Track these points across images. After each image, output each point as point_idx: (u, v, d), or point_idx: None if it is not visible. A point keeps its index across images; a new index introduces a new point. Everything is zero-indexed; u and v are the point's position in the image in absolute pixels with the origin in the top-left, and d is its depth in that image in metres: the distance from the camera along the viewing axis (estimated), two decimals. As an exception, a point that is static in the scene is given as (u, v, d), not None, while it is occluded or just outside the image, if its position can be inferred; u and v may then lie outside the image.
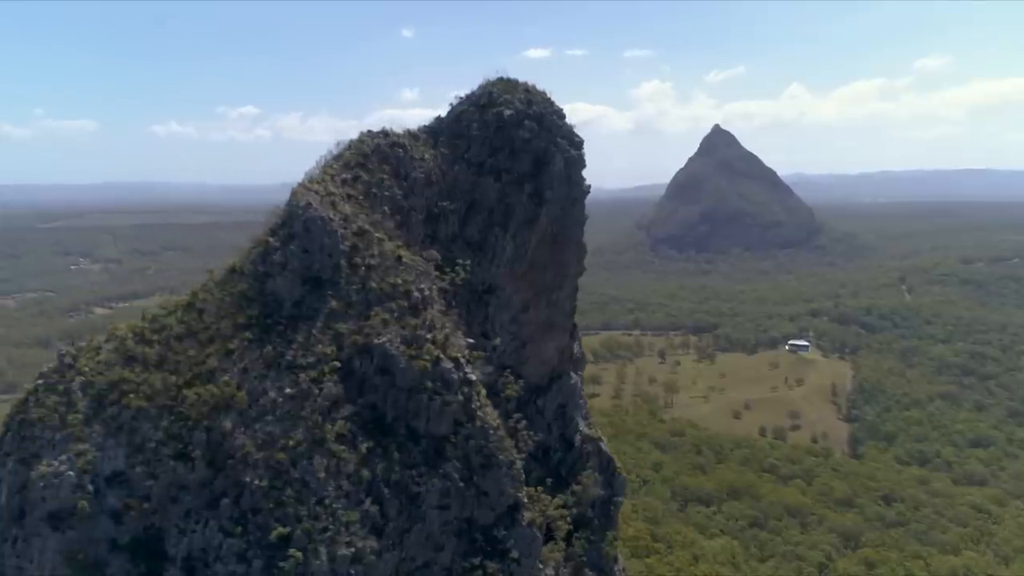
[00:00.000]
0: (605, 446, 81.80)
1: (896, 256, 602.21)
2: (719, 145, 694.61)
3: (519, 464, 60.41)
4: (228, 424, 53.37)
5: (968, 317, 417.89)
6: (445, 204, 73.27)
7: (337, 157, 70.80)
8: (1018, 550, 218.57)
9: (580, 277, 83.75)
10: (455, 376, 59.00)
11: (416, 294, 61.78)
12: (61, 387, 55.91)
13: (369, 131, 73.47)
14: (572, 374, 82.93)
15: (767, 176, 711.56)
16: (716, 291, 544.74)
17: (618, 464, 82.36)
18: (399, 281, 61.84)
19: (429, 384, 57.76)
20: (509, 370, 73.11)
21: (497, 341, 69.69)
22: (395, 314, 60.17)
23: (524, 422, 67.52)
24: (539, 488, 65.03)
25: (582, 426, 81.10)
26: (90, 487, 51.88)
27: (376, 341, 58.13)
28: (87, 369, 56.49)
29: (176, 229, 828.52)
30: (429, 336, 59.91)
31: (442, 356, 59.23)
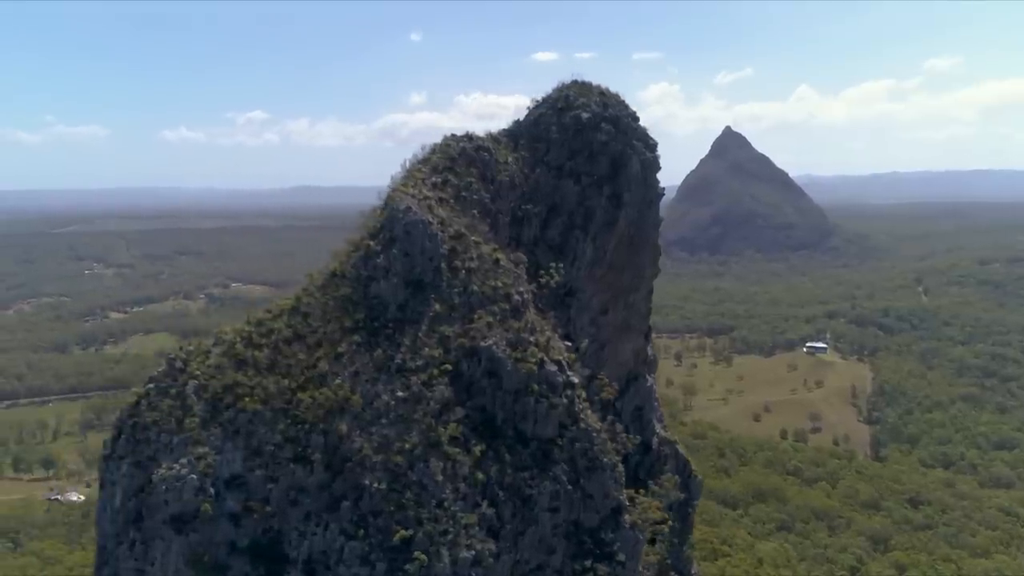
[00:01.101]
0: (681, 449, 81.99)
1: (910, 257, 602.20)
2: (730, 147, 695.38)
3: (620, 467, 60.62)
4: (344, 427, 53.64)
5: (987, 318, 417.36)
6: (528, 207, 73.63)
7: (424, 161, 71.16)
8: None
9: (655, 279, 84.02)
10: (559, 379, 59.29)
11: (516, 297, 62.11)
12: (174, 390, 56.24)
13: (453, 134, 73.97)
14: (647, 376, 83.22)
15: (779, 178, 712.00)
16: (730, 293, 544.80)
17: (694, 467, 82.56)
18: (499, 284, 62.19)
19: (535, 387, 58.02)
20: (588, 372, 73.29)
21: (584, 343, 69.91)
22: (498, 317, 60.48)
23: (620, 424, 67.64)
24: (639, 490, 65.21)
25: (658, 428, 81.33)
26: (211, 490, 52.16)
27: (483, 344, 58.42)
28: (198, 373, 56.84)
29: (187, 234, 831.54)
30: (532, 339, 60.24)
31: (546, 359, 59.52)
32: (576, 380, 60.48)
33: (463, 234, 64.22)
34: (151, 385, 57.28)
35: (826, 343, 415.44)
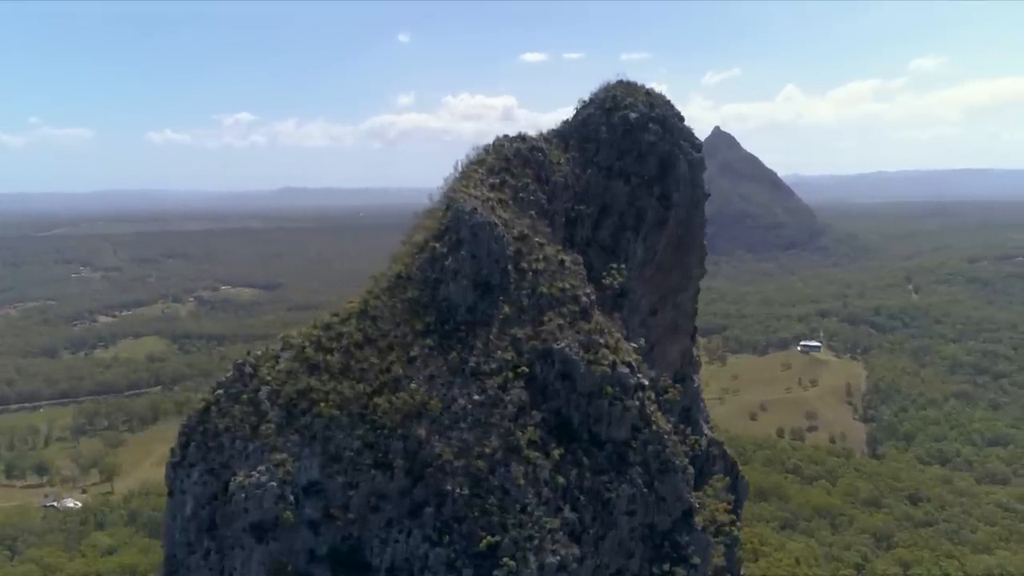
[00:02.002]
0: (728, 450, 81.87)
1: (899, 256, 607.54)
2: (720, 147, 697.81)
3: (691, 468, 60.31)
4: (422, 432, 52.88)
5: (977, 316, 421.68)
6: (581, 208, 73.19)
7: (479, 162, 70.50)
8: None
9: (701, 279, 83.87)
10: (631, 381, 58.89)
11: (583, 299, 61.64)
12: (245, 396, 55.18)
13: (506, 135, 73.51)
14: (694, 377, 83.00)
15: (768, 177, 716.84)
16: (722, 292, 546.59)
17: (740, 467, 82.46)
18: (567, 285, 61.70)
19: (609, 389, 57.57)
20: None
21: (642, 343, 69.48)
22: (567, 319, 59.97)
23: (686, 426, 67.37)
24: (707, 491, 64.93)
25: (706, 429, 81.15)
26: (291, 497, 51.21)
27: (556, 346, 57.87)
28: (270, 378, 55.81)
29: (175, 236, 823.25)
30: (602, 340, 59.77)
31: (617, 361, 59.06)
32: (646, 382, 60.09)
33: (527, 235, 63.68)
34: (220, 391, 56.17)
35: (820, 342, 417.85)
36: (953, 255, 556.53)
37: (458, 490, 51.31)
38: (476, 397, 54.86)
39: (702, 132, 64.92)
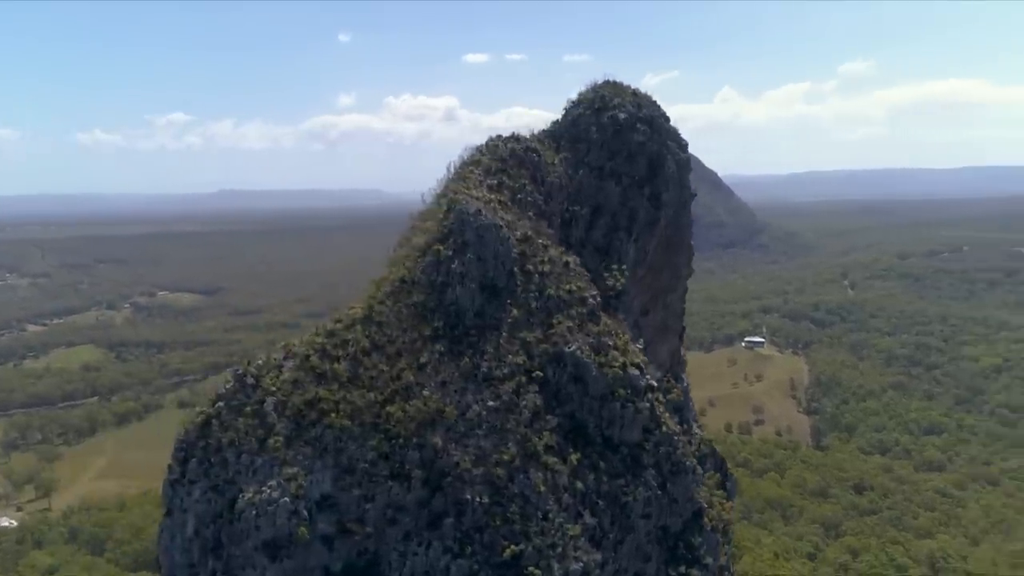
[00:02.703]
0: (718, 448, 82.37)
1: (835, 253, 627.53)
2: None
3: (699, 469, 60.31)
4: (439, 440, 51.36)
5: (910, 310, 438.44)
6: (575, 209, 72.58)
7: (474, 162, 69.15)
8: (985, 531, 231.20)
9: (688, 279, 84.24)
10: (642, 382, 58.52)
11: (590, 300, 61.00)
12: (249, 408, 52.65)
13: (500, 135, 72.28)
14: (683, 376, 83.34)
15: (709, 177, 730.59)
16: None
17: (729, 465, 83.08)
18: (574, 287, 60.95)
19: (621, 391, 57.06)
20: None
21: (640, 344, 69.20)
22: (576, 321, 59.22)
23: (695, 424, 67.36)
24: (718, 491, 65.02)
25: (695, 428, 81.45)
26: (304, 513, 49.04)
27: (567, 349, 57.04)
28: (274, 388, 53.38)
29: (108, 241, 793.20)
30: (611, 342, 59.23)
31: (627, 362, 58.62)
32: (655, 383, 59.83)
33: (530, 237, 62.69)
34: (220, 403, 53.45)
35: (763, 338, 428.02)
36: (885, 252, 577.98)
37: (478, 499, 50.01)
38: (491, 403, 53.62)
39: None
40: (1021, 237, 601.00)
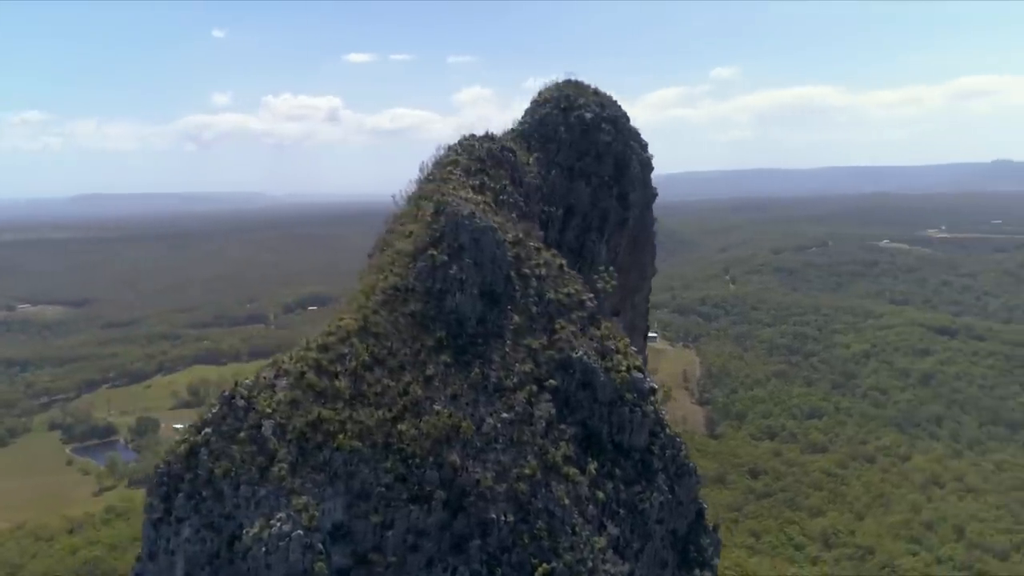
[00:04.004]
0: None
1: (715, 249, 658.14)
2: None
3: (698, 469, 60.07)
4: (456, 458, 48.24)
5: (786, 302, 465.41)
6: (551, 209, 70.96)
7: (451, 162, 66.02)
8: (868, 506, 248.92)
9: (653, 278, 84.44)
10: (645, 386, 57.59)
11: (589, 303, 59.45)
12: (243, 434, 47.48)
13: (473, 134, 69.41)
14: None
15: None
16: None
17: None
18: (572, 291, 59.19)
19: (628, 395, 55.87)
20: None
21: (622, 347, 68.47)
22: (578, 325, 57.50)
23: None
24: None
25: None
26: (319, 546, 44.67)
27: (574, 355, 55.21)
28: (270, 410, 48.44)
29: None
30: (613, 346, 57.94)
31: (631, 366, 57.52)
32: (656, 386, 59.09)
33: (521, 239, 60.42)
34: (208, 430, 47.96)
35: (656, 332, 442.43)
36: (760, 248, 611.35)
37: (503, 517, 47.35)
38: (504, 415, 51.01)
39: None
40: (877, 232, 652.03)
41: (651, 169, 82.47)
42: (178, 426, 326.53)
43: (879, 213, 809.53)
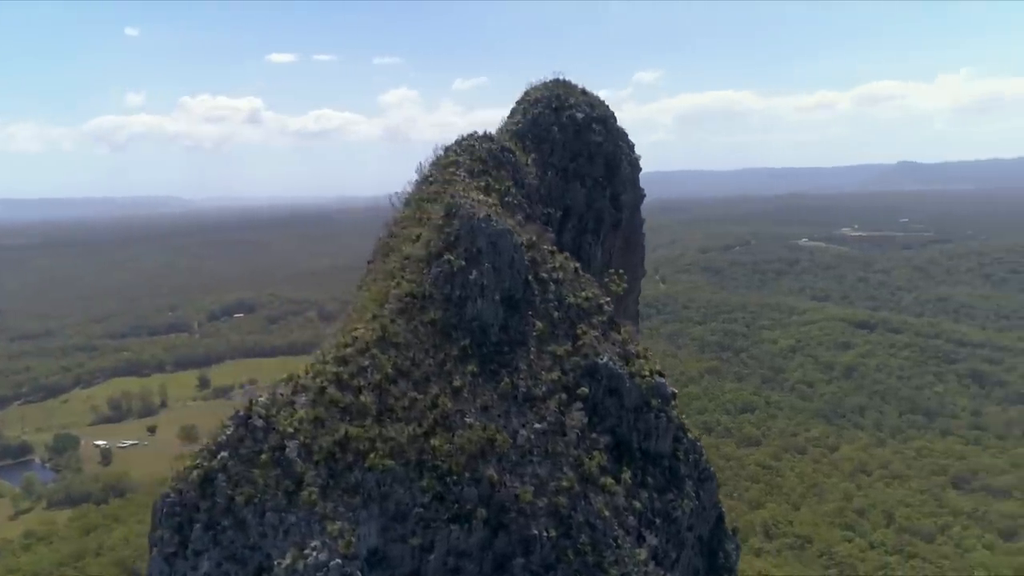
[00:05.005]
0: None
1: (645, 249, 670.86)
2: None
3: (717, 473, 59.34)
4: (493, 473, 45.79)
5: (715, 300, 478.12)
6: (550, 211, 69.17)
7: (452, 163, 63.35)
8: (802, 496, 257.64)
9: (642, 280, 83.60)
10: (668, 390, 56.42)
11: (607, 307, 57.86)
12: (265, 456, 43.70)
13: (472, 133, 66.90)
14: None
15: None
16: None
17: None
18: (590, 294, 57.43)
19: (654, 401, 54.55)
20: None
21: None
22: (599, 330, 55.81)
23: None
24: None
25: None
26: (357, 574, 41.45)
27: (600, 361, 53.47)
28: (292, 430, 44.80)
29: None
30: (634, 350, 56.54)
31: (652, 370, 56.26)
32: (676, 390, 58.04)
33: (535, 242, 58.33)
34: (223, 453, 43.98)
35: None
36: (688, 247, 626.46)
37: (545, 533, 45.21)
38: (537, 425, 48.83)
39: (452, 137, 64.35)
40: (796, 231, 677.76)
41: (639, 170, 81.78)
42: (100, 443, 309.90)
43: (796, 213, 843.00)
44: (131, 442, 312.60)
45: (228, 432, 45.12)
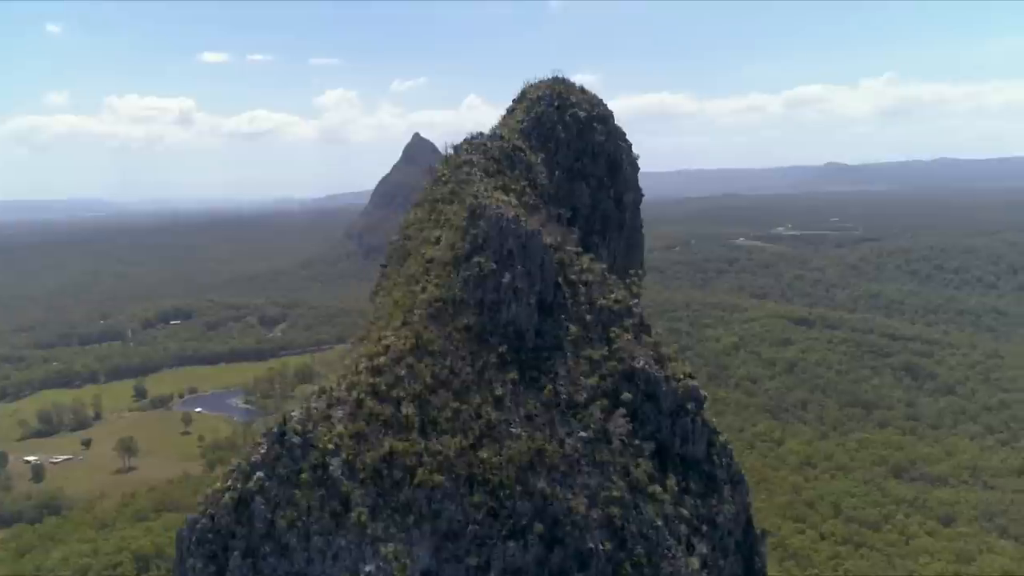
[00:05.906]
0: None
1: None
2: (421, 153, 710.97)
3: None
4: (544, 485, 43.68)
5: (660, 299, 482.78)
6: (560, 211, 67.25)
7: (466, 163, 60.81)
8: (753, 490, 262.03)
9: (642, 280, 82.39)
10: (700, 394, 55.23)
11: (636, 309, 56.32)
12: (306, 476, 40.53)
13: (481, 132, 64.39)
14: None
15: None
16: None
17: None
18: (620, 297, 55.75)
19: (689, 406, 53.25)
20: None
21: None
22: (632, 333, 54.18)
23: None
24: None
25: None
26: (415, 599, 38.80)
27: (636, 365, 51.86)
28: (332, 446, 41.70)
29: None
30: (667, 353, 55.16)
31: (685, 373, 55.00)
32: (706, 394, 56.90)
33: (561, 244, 56.39)
34: (259, 474, 40.60)
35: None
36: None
37: (600, 546, 43.37)
38: (583, 433, 46.94)
39: (393, 139, 63.00)
40: (733, 231, 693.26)
41: (638, 169, 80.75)
42: (30, 458, 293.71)
43: (732, 213, 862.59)
44: (64, 457, 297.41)
45: (262, 451, 41.76)
